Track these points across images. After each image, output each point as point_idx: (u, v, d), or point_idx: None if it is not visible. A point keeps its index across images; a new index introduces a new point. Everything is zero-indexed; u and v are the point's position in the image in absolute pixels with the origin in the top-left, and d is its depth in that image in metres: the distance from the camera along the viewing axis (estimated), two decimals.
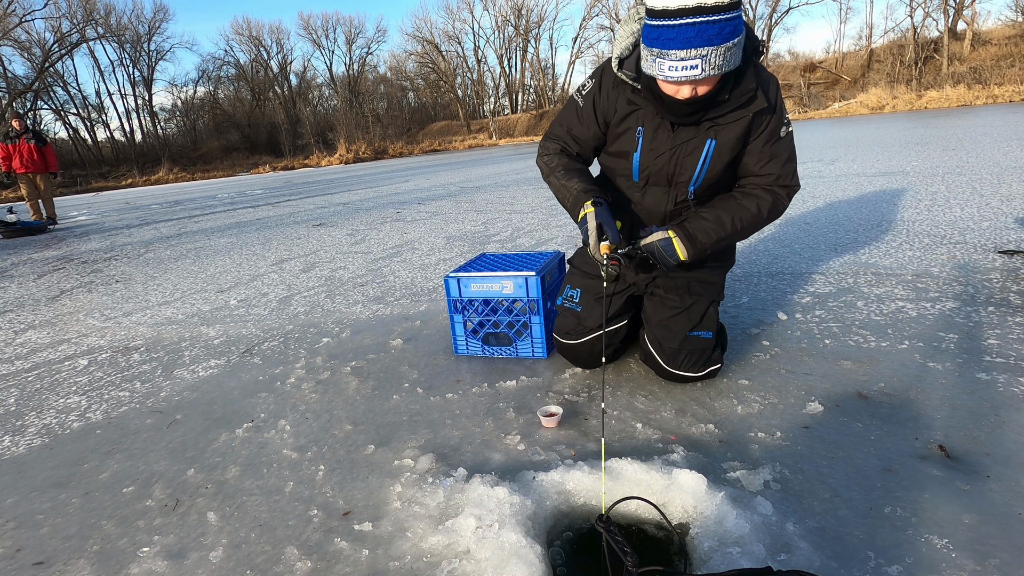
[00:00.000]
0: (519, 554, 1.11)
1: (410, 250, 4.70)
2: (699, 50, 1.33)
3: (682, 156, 1.65)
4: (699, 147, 1.63)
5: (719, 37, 1.33)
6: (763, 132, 1.61)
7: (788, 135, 1.65)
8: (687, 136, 1.63)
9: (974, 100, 22.06)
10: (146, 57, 43.93)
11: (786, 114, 1.64)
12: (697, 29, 1.32)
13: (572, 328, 1.94)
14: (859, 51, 34.84)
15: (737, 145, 1.62)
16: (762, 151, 1.63)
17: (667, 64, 1.38)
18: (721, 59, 1.36)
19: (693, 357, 1.80)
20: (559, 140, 1.86)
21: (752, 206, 1.66)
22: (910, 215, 4.02)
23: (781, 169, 1.65)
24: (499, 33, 47.26)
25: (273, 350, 2.63)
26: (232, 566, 1.25)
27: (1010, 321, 2.10)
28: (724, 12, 1.31)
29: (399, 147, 34.68)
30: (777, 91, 1.60)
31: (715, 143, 1.61)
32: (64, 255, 6.58)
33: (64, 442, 1.94)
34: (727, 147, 1.62)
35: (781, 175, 1.65)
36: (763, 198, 1.66)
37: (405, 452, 1.63)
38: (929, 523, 1.17)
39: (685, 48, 1.34)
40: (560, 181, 1.76)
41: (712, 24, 1.31)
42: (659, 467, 1.35)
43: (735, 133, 1.60)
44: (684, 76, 1.38)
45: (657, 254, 1.63)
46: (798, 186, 1.70)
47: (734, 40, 1.35)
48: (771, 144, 1.63)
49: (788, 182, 1.67)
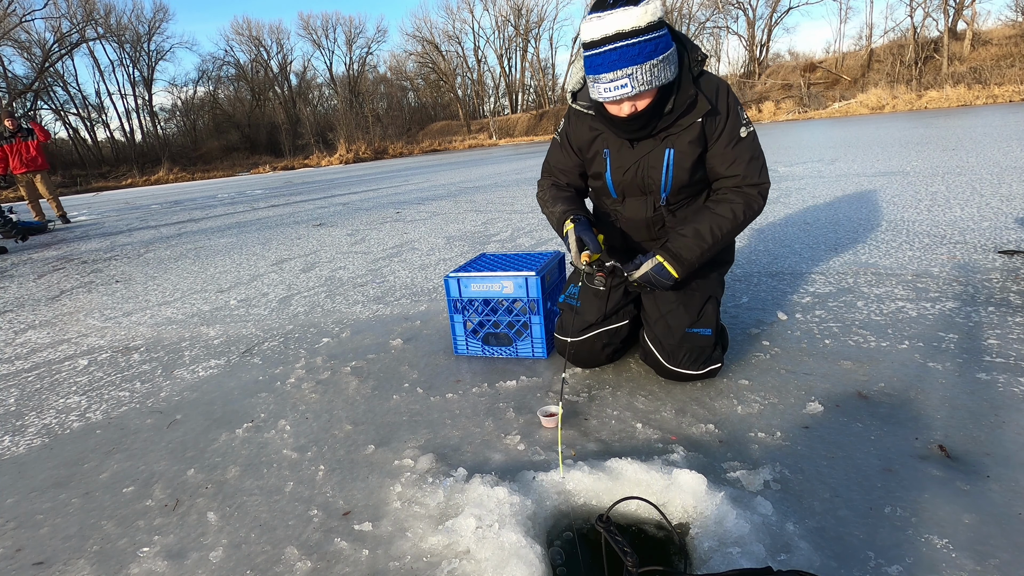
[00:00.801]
0: (519, 554, 1.11)
1: (410, 250, 4.70)
2: (624, 70, 1.50)
3: (647, 167, 1.79)
4: (660, 157, 1.76)
5: (640, 56, 1.49)
6: (721, 135, 1.72)
7: (749, 135, 1.74)
8: (647, 149, 1.77)
9: (974, 100, 22.06)
10: (146, 57, 43.94)
11: (743, 115, 1.74)
12: (619, 52, 1.49)
13: (571, 323, 1.96)
14: (859, 51, 34.84)
15: (695, 149, 1.73)
16: (724, 153, 1.73)
17: (601, 87, 1.56)
18: (648, 75, 1.51)
19: (693, 355, 1.80)
20: (550, 175, 2.05)
21: (727, 212, 1.74)
22: (910, 215, 4.02)
23: (746, 169, 1.73)
24: (499, 33, 47.27)
25: (273, 350, 2.63)
26: (232, 566, 1.25)
27: (1010, 321, 2.10)
28: (642, 34, 1.48)
29: (399, 147, 34.68)
30: (727, 94, 1.71)
31: (673, 151, 1.74)
32: (64, 255, 6.59)
33: (64, 442, 1.94)
34: (685, 153, 1.74)
35: (747, 175, 1.73)
36: (735, 201, 1.74)
37: (405, 452, 1.63)
38: (929, 523, 1.17)
39: (611, 70, 1.51)
40: (548, 208, 1.94)
41: (632, 46, 1.48)
42: (659, 467, 1.35)
43: (689, 138, 1.72)
44: (617, 95, 1.54)
45: (654, 281, 1.73)
46: (767, 183, 1.77)
47: (658, 57, 1.51)
48: (732, 146, 1.72)
49: (755, 180, 1.75)
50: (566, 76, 1.91)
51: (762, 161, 1.76)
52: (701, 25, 40.24)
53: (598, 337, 1.94)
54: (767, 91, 32.34)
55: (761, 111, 28.33)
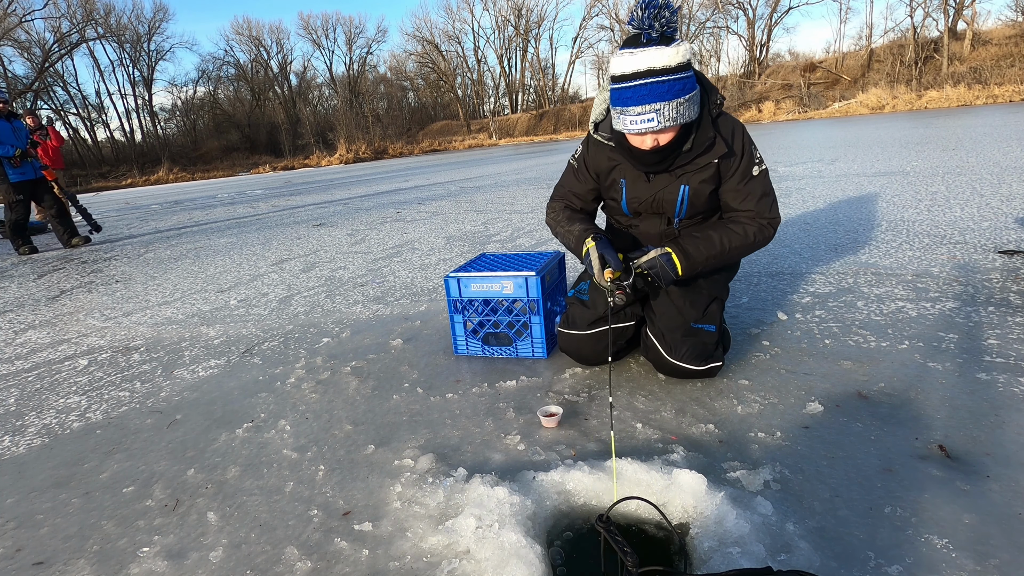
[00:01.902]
0: (519, 554, 1.11)
1: (410, 250, 4.70)
2: (653, 105, 1.56)
3: (662, 201, 1.87)
4: (674, 192, 1.84)
5: (669, 94, 1.56)
6: (735, 173, 1.79)
7: (761, 173, 1.81)
8: (663, 184, 1.84)
9: (974, 100, 22.06)
10: (146, 57, 43.98)
11: (756, 154, 1.82)
12: (649, 88, 1.55)
13: (579, 316, 1.97)
14: (859, 51, 34.84)
15: (709, 187, 1.81)
16: (737, 189, 1.81)
17: (628, 119, 1.61)
18: (675, 112, 1.58)
19: (696, 350, 1.81)
20: (563, 199, 2.08)
21: (739, 230, 1.81)
22: (910, 215, 4.02)
23: (757, 205, 1.81)
24: (499, 33, 47.28)
25: (273, 350, 2.63)
26: (232, 566, 1.25)
27: (1010, 321, 2.10)
28: (672, 73, 1.55)
29: (399, 147, 34.69)
30: (743, 136, 1.79)
31: (688, 188, 1.82)
32: (64, 255, 6.59)
33: (64, 442, 1.94)
34: (700, 190, 1.82)
35: (758, 211, 1.81)
36: (749, 225, 1.82)
37: (405, 452, 1.63)
38: (929, 523, 1.17)
39: (640, 104, 1.57)
40: (564, 228, 1.98)
41: (662, 83, 1.55)
42: (659, 467, 1.35)
43: (703, 177, 1.79)
44: (643, 128, 1.60)
45: (659, 268, 1.76)
46: (778, 218, 1.85)
47: (685, 96, 1.58)
48: (745, 183, 1.80)
49: (767, 215, 1.83)
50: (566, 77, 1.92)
51: (773, 197, 1.83)
52: (701, 25, 40.27)
53: (606, 333, 1.95)
54: (767, 91, 32.35)
55: (761, 111, 28.33)
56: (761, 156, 1.83)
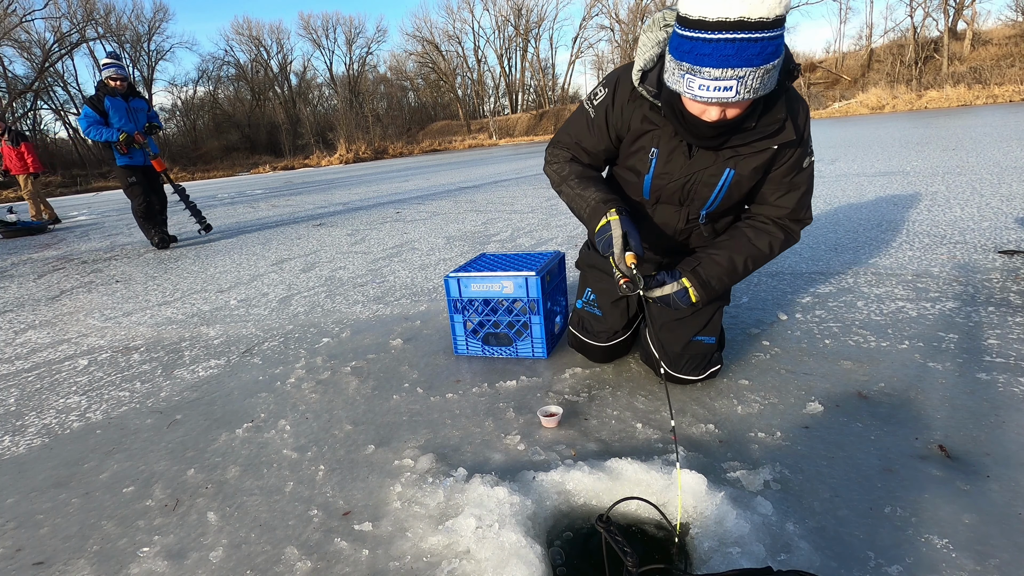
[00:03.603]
0: (519, 554, 1.11)
1: (410, 250, 4.70)
2: (736, 71, 1.19)
3: (697, 184, 1.58)
4: (716, 176, 1.54)
5: (759, 58, 1.18)
6: (787, 163, 1.53)
7: (810, 165, 1.58)
8: (704, 163, 1.53)
9: (974, 100, 22.07)
10: (146, 57, 43.98)
11: (811, 143, 1.58)
12: (737, 47, 1.17)
13: (595, 328, 1.95)
14: (859, 51, 34.85)
15: (756, 175, 1.55)
16: (781, 182, 1.57)
17: (698, 82, 1.24)
18: (758, 82, 1.23)
19: (695, 362, 1.79)
20: (569, 149, 1.75)
21: (764, 246, 1.61)
22: (910, 215, 4.02)
23: (797, 203, 1.60)
24: (499, 33, 47.29)
25: (273, 350, 2.63)
26: (232, 566, 1.25)
27: (1010, 321, 2.10)
28: (768, 29, 1.17)
29: (399, 147, 34.69)
30: (807, 119, 1.51)
31: (734, 173, 1.53)
32: (64, 255, 6.58)
33: (64, 442, 1.94)
34: (746, 178, 1.54)
35: (796, 208, 1.60)
36: (775, 235, 1.62)
37: (405, 452, 1.63)
38: (929, 523, 1.17)
39: (721, 67, 1.19)
40: (575, 190, 1.65)
41: (754, 42, 1.17)
42: (659, 467, 1.35)
43: (756, 163, 1.51)
44: (716, 97, 1.24)
45: (672, 304, 1.62)
46: (810, 219, 1.66)
47: (774, 62, 1.22)
48: (792, 176, 1.55)
49: (801, 215, 1.63)
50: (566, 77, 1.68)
51: (811, 195, 1.63)
52: None
53: (625, 341, 1.98)
54: None
55: None
56: (813, 146, 1.59)
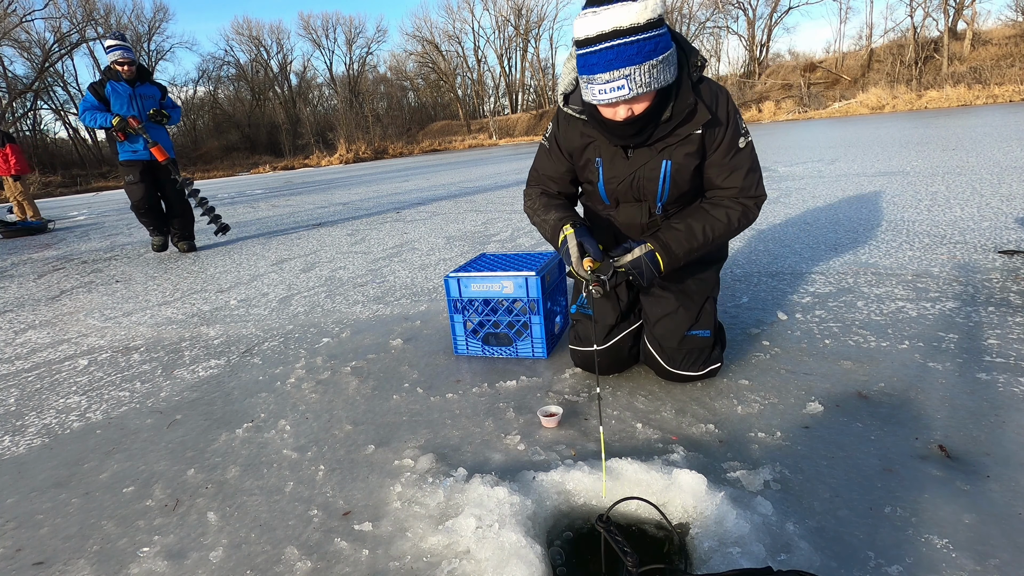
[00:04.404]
0: (519, 554, 1.11)
1: (410, 250, 4.70)
2: (622, 70, 1.39)
3: (642, 179, 1.70)
4: (656, 168, 1.67)
5: (639, 56, 1.38)
6: (720, 145, 1.63)
7: (748, 145, 1.67)
8: (643, 160, 1.67)
9: (974, 100, 22.07)
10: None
11: (742, 124, 1.66)
12: (616, 51, 1.38)
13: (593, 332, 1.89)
14: (859, 51, 34.85)
15: (692, 161, 1.65)
16: (722, 164, 1.66)
17: (596, 88, 1.44)
18: (647, 76, 1.41)
19: (692, 357, 1.80)
20: (538, 183, 1.93)
21: (722, 216, 1.69)
22: (910, 215, 4.02)
23: (743, 181, 1.67)
24: (499, 33, 47.29)
25: (273, 350, 2.63)
26: (232, 566, 1.25)
27: (1010, 321, 2.10)
28: (641, 32, 1.37)
29: (399, 147, 34.70)
30: (728, 102, 1.63)
31: (670, 163, 1.65)
32: (64, 255, 6.58)
33: (64, 442, 1.94)
34: (684, 165, 1.66)
35: (744, 187, 1.67)
36: (732, 208, 1.69)
37: (405, 452, 1.63)
38: (929, 523, 1.17)
39: (608, 71, 1.40)
40: (540, 217, 1.83)
41: (630, 44, 1.37)
42: (659, 467, 1.35)
43: (687, 150, 1.63)
44: (613, 97, 1.43)
45: (643, 269, 1.64)
46: (764, 195, 1.72)
47: (657, 57, 1.40)
48: (730, 157, 1.65)
49: (752, 193, 1.69)
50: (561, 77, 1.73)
51: (759, 173, 1.70)
52: (701, 25, 40.28)
53: (623, 340, 1.91)
54: (767, 91, 32.34)
55: (761, 111, 28.34)
56: (747, 127, 1.68)
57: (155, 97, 5.33)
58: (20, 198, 9.81)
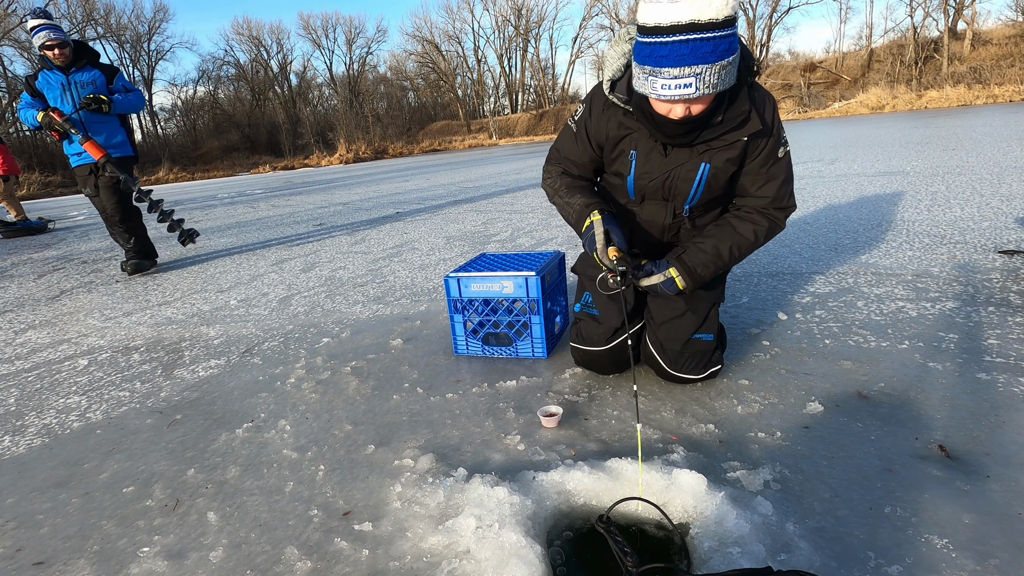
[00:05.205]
0: (519, 554, 1.11)
1: (410, 250, 4.70)
2: (693, 68, 1.30)
3: (676, 180, 1.66)
4: (693, 170, 1.63)
5: (713, 55, 1.30)
6: (760, 154, 1.61)
7: (785, 155, 1.65)
8: (681, 160, 1.63)
9: (974, 100, 22.08)
10: (146, 57, 43.97)
11: (783, 134, 1.64)
12: (691, 46, 1.29)
13: (593, 331, 1.90)
14: (859, 51, 34.86)
15: (731, 167, 1.63)
16: (759, 173, 1.64)
17: (660, 82, 1.35)
18: (716, 77, 1.33)
19: (695, 360, 1.80)
20: (559, 163, 1.89)
21: (749, 233, 1.68)
22: (910, 215, 4.02)
23: (777, 191, 1.66)
24: (499, 33, 47.29)
25: (273, 350, 2.63)
26: (232, 566, 1.25)
27: (1010, 321, 2.10)
28: (719, 29, 1.28)
29: (399, 147, 34.69)
30: (774, 111, 1.60)
31: (709, 166, 1.61)
32: (64, 255, 6.58)
33: (64, 442, 1.94)
34: (722, 170, 1.62)
35: (777, 197, 1.67)
36: (759, 223, 1.69)
37: (405, 452, 1.63)
38: (929, 523, 1.17)
39: (679, 66, 1.31)
40: (564, 199, 1.79)
41: (707, 41, 1.28)
42: (659, 467, 1.35)
43: (728, 155, 1.60)
44: (678, 95, 1.35)
45: (660, 292, 1.69)
46: (794, 207, 1.72)
47: (729, 58, 1.33)
48: (768, 166, 1.63)
49: (784, 204, 1.69)
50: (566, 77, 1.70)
51: (792, 184, 1.69)
52: None
53: (623, 346, 1.90)
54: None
55: None
56: (786, 136, 1.66)
57: (95, 82, 4.19)
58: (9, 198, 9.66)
